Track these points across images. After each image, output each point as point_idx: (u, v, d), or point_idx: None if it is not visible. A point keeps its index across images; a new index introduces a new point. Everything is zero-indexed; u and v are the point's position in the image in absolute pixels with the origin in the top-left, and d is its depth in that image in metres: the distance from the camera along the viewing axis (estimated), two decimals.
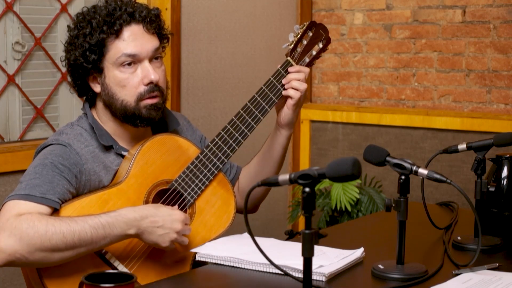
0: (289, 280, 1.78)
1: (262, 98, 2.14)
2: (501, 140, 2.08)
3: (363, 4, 3.80)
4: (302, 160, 4.00)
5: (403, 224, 1.82)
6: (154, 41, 2.06)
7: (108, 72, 2.03)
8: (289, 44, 2.21)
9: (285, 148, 2.24)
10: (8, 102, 2.87)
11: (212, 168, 2.09)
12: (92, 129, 2.07)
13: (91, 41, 2.00)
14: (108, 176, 2.05)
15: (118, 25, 2.00)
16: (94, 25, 2.00)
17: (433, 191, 3.54)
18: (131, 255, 1.99)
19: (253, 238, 1.56)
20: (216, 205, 2.11)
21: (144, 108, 2.04)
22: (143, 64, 2.03)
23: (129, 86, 2.03)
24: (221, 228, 2.11)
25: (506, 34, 3.42)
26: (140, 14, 2.03)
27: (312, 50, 2.22)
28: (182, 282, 1.89)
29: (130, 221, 1.90)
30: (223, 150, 2.11)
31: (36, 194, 1.89)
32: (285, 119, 2.18)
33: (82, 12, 2.07)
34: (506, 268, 1.87)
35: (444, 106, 3.60)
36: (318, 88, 3.99)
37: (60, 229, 1.83)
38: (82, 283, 1.58)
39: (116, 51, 2.01)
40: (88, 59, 2.02)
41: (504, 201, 2.14)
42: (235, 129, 2.12)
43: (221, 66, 3.53)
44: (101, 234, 1.87)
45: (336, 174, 1.44)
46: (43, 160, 1.97)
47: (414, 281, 1.78)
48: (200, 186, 2.08)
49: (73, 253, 1.86)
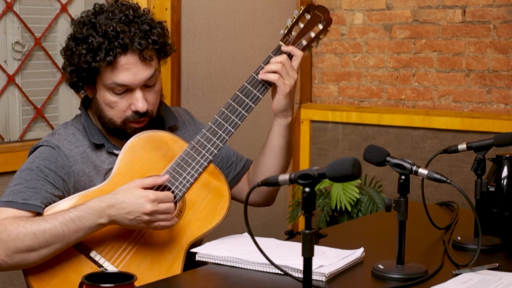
0: (289, 280, 1.78)
1: (252, 86, 2.10)
2: (501, 140, 2.08)
3: (363, 4, 3.80)
4: (302, 160, 4.00)
5: (403, 224, 1.82)
6: (148, 69, 2.02)
7: (100, 90, 2.04)
8: (285, 29, 2.14)
9: (285, 137, 2.18)
10: (8, 102, 2.87)
11: (201, 160, 2.05)
12: (84, 128, 2.09)
13: (85, 65, 1.99)
14: (99, 175, 2.05)
15: (112, 57, 1.97)
16: (90, 47, 1.98)
17: (433, 191, 3.54)
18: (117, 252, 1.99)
19: (253, 238, 1.56)
20: (208, 197, 2.06)
21: (129, 129, 2.06)
22: (134, 92, 2.02)
23: (117, 109, 2.04)
24: (215, 219, 2.05)
25: (506, 34, 3.42)
26: (138, 43, 1.98)
27: (310, 32, 2.16)
28: (182, 282, 1.89)
29: (98, 211, 1.91)
30: (212, 141, 2.06)
31: (18, 200, 1.94)
32: (277, 106, 2.13)
33: (82, 21, 2.04)
34: (506, 268, 1.87)
35: (444, 106, 3.60)
36: (318, 88, 4.00)
37: (31, 230, 1.88)
38: (82, 283, 1.58)
39: (108, 77, 2.00)
40: (80, 76, 2.03)
41: (504, 201, 2.14)
42: (225, 119, 2.08)
43: (221, 66, 3.53)
44: (73, 228, 1.90)
45: (336, 174, 1.44)
46: (30, 164, 2.02)
47: (414, 281, 1.78)
48: (188, 179, 2.03)
49: (49, 250, 1.90)
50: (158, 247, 2.01)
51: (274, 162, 2.20)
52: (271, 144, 2.20)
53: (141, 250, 2.01)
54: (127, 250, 2.00)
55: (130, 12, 2.03)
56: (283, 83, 2.09)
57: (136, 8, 2.06)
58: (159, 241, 2.02)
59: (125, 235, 2.00)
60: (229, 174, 2.28)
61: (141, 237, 2.01)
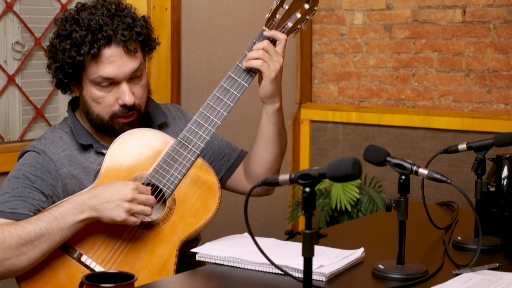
0: (289, 280, 1.77)
1: (236, 75, 2.07)
2: (501, 140, 2.08)
3: (363, 4, 3.80)
4: (302, 160, 4.00)
5: (403, 224, 1.82)
6: (133, 62, 2.02)
7: (86, 86, 2.04)
8: (269, 13, 2.09)
9: (275, 124, 2.14)
10: (8, 102, 2.87)
11: (188, 155, 2.02)
12: (72, 130, 2.09)
13: (69, 59, 1.99)
14: (89, 177, 2.05)
15: (96, 49, 1.97)
16: (74, 41, 1.98)
17: (433, 191, 3.54)
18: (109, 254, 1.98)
19: (253, 238, 1.56)
20: (198, 193, 2.03)
21: (117, 124, 2.06)
22: (121, 85, 2.02)
23: (104, 104, 2.04)
24: (207, 215, 2.02)
25: (506, 34, 3.42)
26: (122, 35, 1.99)
27: (296, 13, 2.09)
28: (182, 282, 1.89)
29: (79, 205, 1.91)
30: (198, 135, 2.03)
31: (5, 210, 1.95)
32: (264, 92, 2.09)
33: (65, 18, 2.04)
34: (506, 268, 1.87)
35: (444, 106, 3.60)
36: (318, 88, 4.00)
37: (16, 233, 1.89)
38: (82, 283, 1.58)
39: (93, 71, 2.00)
40: (66, 72, 2.03)
41: (504, 201, 2.14)
42: (209, 111, 2.05)
43: (221, 66, 3.53)
44: (56, 226, 1.90)
45: (336, 174, 1.44)
46: (16, 171, 2.02)
47: (414, 281, 1.78)
48: (176, 175, 2.01)
49: (37, 251, 1.90)
50: (149, 247, 2.00)
51: (267, 150, 2.17)
52: (262, 132, 2.16)
53: (133, 250, 2.00)
54: (119, 251, 1.99)
55: (113, 6, 2.04)
56: (267, 68, 2.06)
57: (118, 3, 2.07)
58: (150, 240, 2.00)
59: (116, 236, 1.99)
60: (223, 166, 2.27)
61: (132, 237, 2.00)
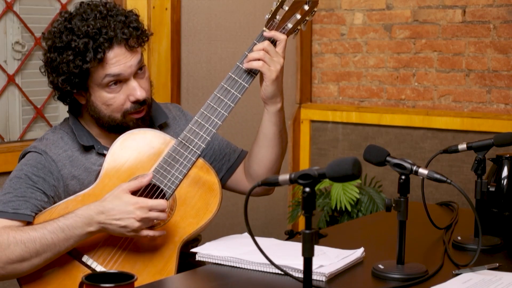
0: (289, 280, 1.77)
1: (237, 75, 2.07)
2: (501, 140, 2.08)
3: (363, 4, 3.80)
4: (302, 160, 4.00)
5: (403, 224, 1.82)
6: (135, 55, 2.03)
7: (94, 92, 2.04)
8: (269, 13, 2.09)
9: (276, 124, 2.14)
10: (8, 102, 2.87)
11: (189, 155, 2.02)
12: (73, 131, 2.08)
13: (75, 70, 1.98)
14: (90, 177, 2.05)
15: (101, 53, 1.97)
16: (76, 51, 1.97)
17: (433, 191, 3.54)
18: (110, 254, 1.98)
19: (253, 238, 1.56)
20: (199, 193, 2.03)
21: (131, 121, 2.06)
22: (129, 82, 2.03)
23: (115, 105, 2.04)
24: (207, 215, 2.02)
25: (506, 34, 3.42)
26: (122, 33, 1.99)
27: (296, 14, 2.09)
28: (182, 282, 1.89)
29: (86, 219, 1.91)
30: (199, 136, 2.03)
31: (8, 210, 1.95)
32: (265, 93, 2.09)
33: (57, 30, 2.02)
34: (506, 268, 1.87)
35: (444, 106, 3.60)
36: (318, 88, 3.99)
37: (21, 240, 1.89)
38: (82, 283, 1.58)
39: (100, 74, 2.00)
40: (72, 83, 2.02)
41: (504, 201, 2.14)
42: (210, 111, 2.05)
43: (221, 66, 3.53)
44: (62, 237, 1.91)
45: (336, 174, 1.44)
46: (18, 172, 2.02)
47: (414, 281, 1.78)
48: (177, 176, 2.01)
49: (40, 259, 1.91)
50: (151, 247, 2.00)
51: (268, 150, 2.17)
52: (263, 132, 2.17)
53: (134, 250, 2.00)
54: (120, 251, 1.99)
55: (101, 8, 2.03)
56: (268, 69, 2.06)
57: (105, 3, 2.07)
58: (151, 240, 2.00)
59: (117, 236, 1.98)
60: (223, 166, 2.27)
61: (133, 238, 2.00)
